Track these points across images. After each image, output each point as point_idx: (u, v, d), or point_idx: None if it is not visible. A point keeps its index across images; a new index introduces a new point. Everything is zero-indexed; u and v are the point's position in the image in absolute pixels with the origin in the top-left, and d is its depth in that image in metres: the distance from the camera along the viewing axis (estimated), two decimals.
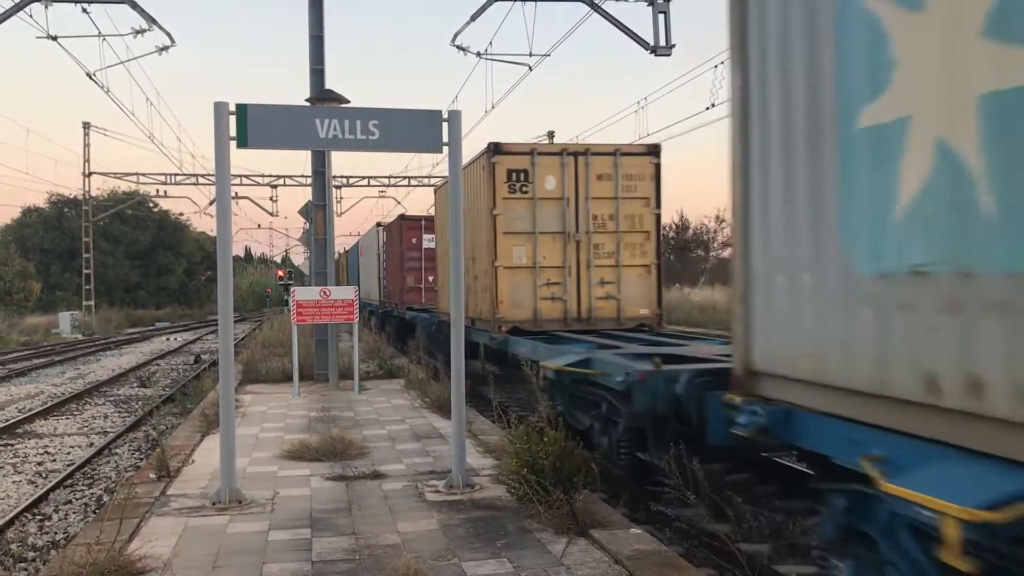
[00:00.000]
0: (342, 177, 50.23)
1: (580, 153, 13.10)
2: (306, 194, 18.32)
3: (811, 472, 6.67)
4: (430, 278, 21.90)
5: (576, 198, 13.01)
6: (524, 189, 12.99)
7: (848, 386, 4.44)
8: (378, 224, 30.85)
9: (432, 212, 20.38)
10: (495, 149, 12.95)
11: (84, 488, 10.55)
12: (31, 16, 20.75)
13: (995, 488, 3.36)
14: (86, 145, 46.68)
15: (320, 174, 16.47)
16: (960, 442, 3.71)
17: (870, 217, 4.29)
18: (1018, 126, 3.38)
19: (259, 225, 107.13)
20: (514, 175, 12.96)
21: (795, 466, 8.43)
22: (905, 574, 4.02)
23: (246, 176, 47.99)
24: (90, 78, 25.40)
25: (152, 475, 8.46)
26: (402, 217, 25.52)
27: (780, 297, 5.16)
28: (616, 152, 13.18)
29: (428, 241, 22.23)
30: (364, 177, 50.33)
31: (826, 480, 4.92)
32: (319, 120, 7.61)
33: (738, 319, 5.60)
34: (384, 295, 27.96)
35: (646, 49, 19.22)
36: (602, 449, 8.84)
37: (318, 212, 16.55)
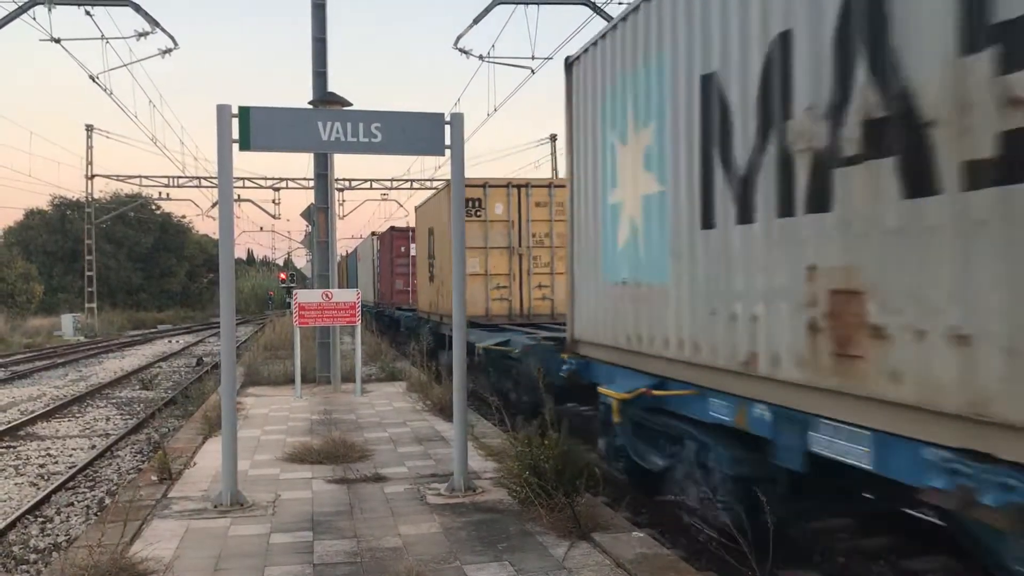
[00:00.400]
0: (344, 180, 50.32)
1: (522, 185, 16.04)
2: (308, 197, 18.36)
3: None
4: (415, 281, 24.48)
5: (519, 220, 16.02)
6: (478, 213, 16.03)
7: (605, 344, 8.44)
8: (373, 233, 33.38)
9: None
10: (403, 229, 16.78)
11: (86, 490, 10.55)
12: (34, 19, 20.80)
13: (630, 385, 7.53)
14: (89, 147, 46.79)
15: (322, 177, 16.49)
16: (632, 365, 7.82)
17: (610, 253, 8.31)
18: (652, 213, 7.24)
19: (261, 228, 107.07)
20: (470, 202, 15.83)
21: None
22: (609, 430, 8.27)
23: (248, 179, 48.12)
24: (93, 81, 25.45)
25: (154, 477, 8.46)
26: (392, 228, 27.99)
27: (582, 296, 9.19)
28: (550, 184, 16.24)
29: (415, 249, 24.44)
30: (366, 180, 50.36)
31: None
32: (322, 123, 7.62)
33: (568, 309, 9.68)
34: (377, 296, 31.05)
35: None
36: (520, 407, 11.70)
37: (320, 215, 16.56)
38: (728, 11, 5.94)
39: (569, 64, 9.31)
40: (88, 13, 21.84)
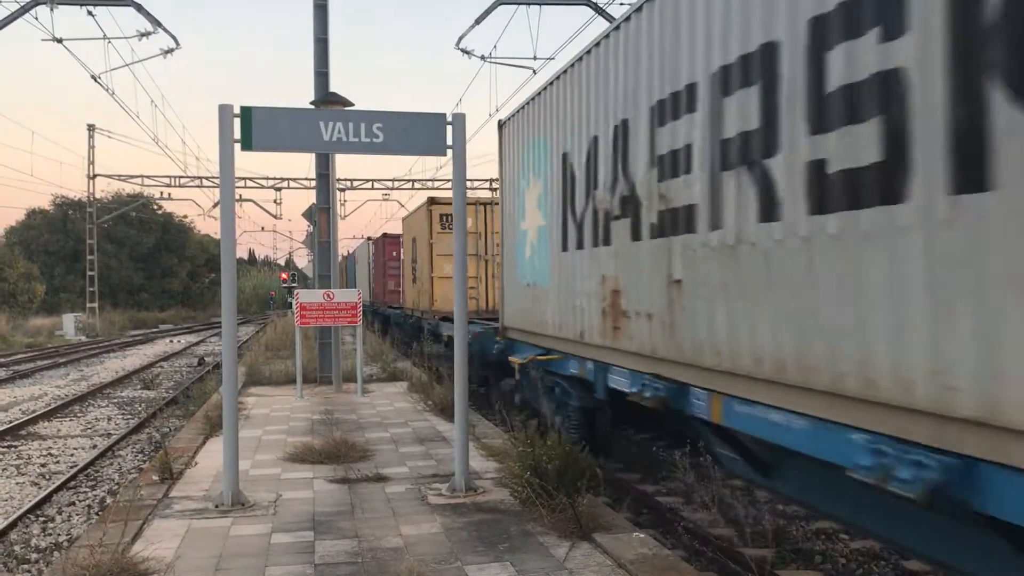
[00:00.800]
0: (346, 180, 50.29)
1: (487, 203, 18.50)
2: (310, 197, 18.38)
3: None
4: (404, 283, 26.48)
5: (485, 232, 18.27)
6: (450, 227, 18.47)
7: (521, 328, 11.15)
8: (369, 238, 36.56)
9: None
10: (432, 201, 19.44)
11: (87, 490, 10.55)
12: (36, 19, 20.83)
13: (527, 353, 10.68)
14: (91, 147, 46.82)
15: (324, 177, 16.50)
16: (532, 342, 10.62)
17: (521, 264, 11.08)
18: (541, 238, 10.21)
19: (263, 228, 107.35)
20: (444, 217, 18.94)
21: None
22: (520, 388, 11.63)
23: (250, 179, 48.11)
24: (95, 80, 25.47)
25: (155, 477, 8.46)
26: (385, 235, 30.52)
27: (508, 295, 11.98)
28: None
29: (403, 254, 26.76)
30: (368, 180, 50.35)
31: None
32: (323, 123, 7.62)
33: (500, 304, 12.52)
34: (372, 296, 33.99)
35: None
36: (473, 378, 13.86)
37: (322, 215, 16.57)
38: (572, 115, 9.07)
39: (501, 125, 12.24)
40: (90, 13, 21.86)
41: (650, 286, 6.99)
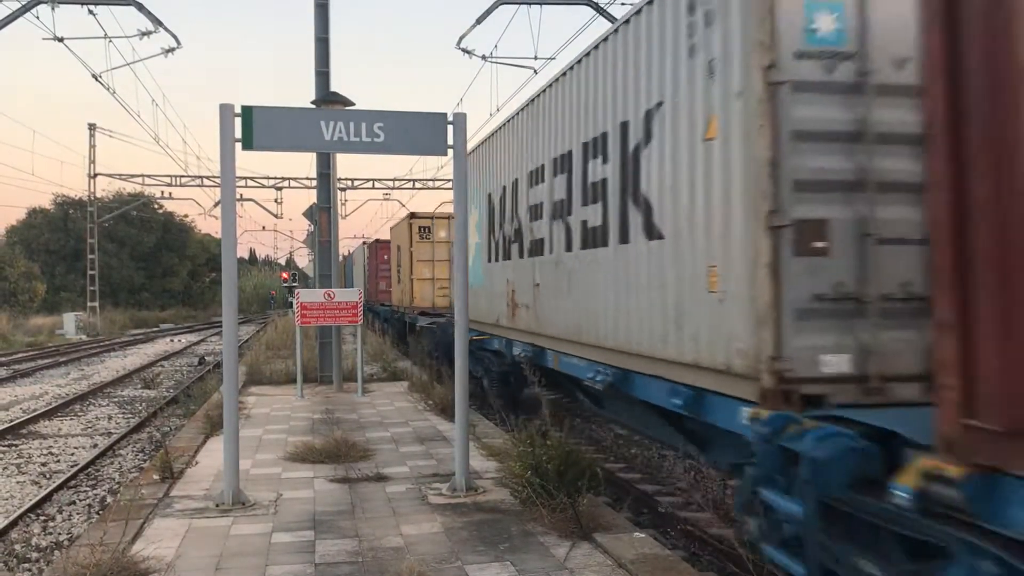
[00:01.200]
0: (347, 180, 50.27)
1: None
2: (310, 196, 18.42)
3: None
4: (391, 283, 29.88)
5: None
6: (427, 236, 22.57)
7: (487, 321, 13.26)
8: (364, 243, 40.61)
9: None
10: (412, 215, 23.13)
11: (88, 489, 10.56)
12: (38, 17, 20.83)
13: (470, 335, 9.91)
14: (91, 146, 46.79)
15: (325, 176, 16.50)
16: (479, 329, 13.46)
17: (473, 270, 12.81)
18: (480, 251, 13.97)
19: (263, 227, 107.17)
20: (423, 229, 22.59)
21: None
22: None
23: (251, 178, 48.06)
24: (96, 80, 25.46)
25: (156, 476, 8.47)
26: (377, 240, 34.02)
27: (475, 294, 12.62)
28: None
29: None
30: (369, 180, 50.33)
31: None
32: (324, 122, 7.62)
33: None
34: (367, 295, 36.33)
35: None
36: (437, 359, 16.19)
37: (323, 215, 16.57)
38: (494, 169, 12.80)
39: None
40: (91, 12, 21.86)
41: (526, 287, 10.92)
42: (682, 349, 6.35)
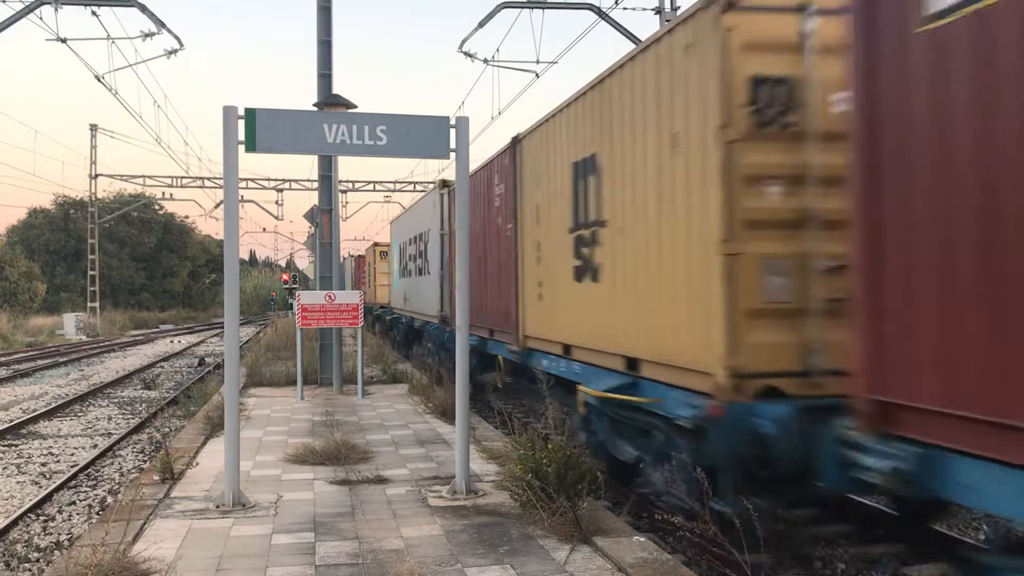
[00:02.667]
0: (348, 182, 50.32)
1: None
2: (311, 198, 18.49)
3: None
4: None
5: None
6: (385, 256, 30.40)
7: (395, 305, 26.83)
8: (349, 255, 48.59)
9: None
10: (375, 244, 34.36)
11: (88, 489, 10.56)
12: (41, 18, 20.86)
13: (388, 317, 28.67)
14: (93, 147, 46.84)
15: (326, 178, 16.52)
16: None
17: (393, 280, 27.39)
18: (395, 270, 26.34)
19: (264, 229, 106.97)
20: (382, 252, 31.63)
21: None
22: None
23: (252, 180, 48.10)
24: (99, 80, 25.51)
25: (156, 477, 8.48)
26: (360, 256, 42.80)
27: (395, 293, 27.04)
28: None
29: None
30: (370, 182, 50.41)
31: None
32: (327, 125, 7.64)
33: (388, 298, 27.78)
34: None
35: None
36: (399, 344, 25.33)
37: (324, 216, 16.59)
38: (399, 232, 24.16)
39: (391, 223, 27.81)
40: (94, 13, 21.91)
41: (407, 293, 21.44)
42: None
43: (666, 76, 6.78)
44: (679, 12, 18.89)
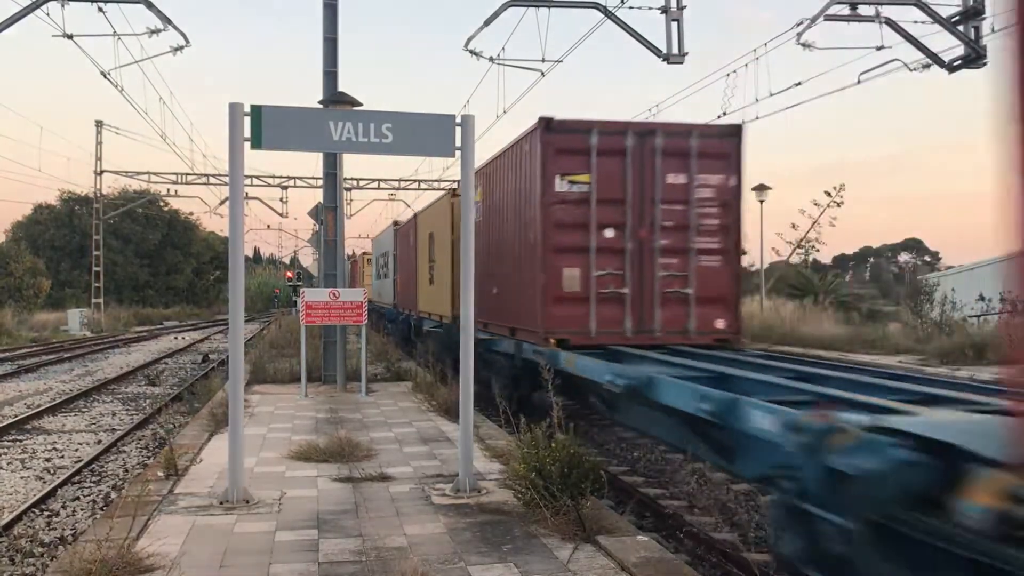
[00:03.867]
0: (352, 180, 50.36)
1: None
2: (315, 196, 18.52)
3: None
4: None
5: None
6: (370, 263, 39.48)
7: (381, 300, 34.74)
8: (349, 257, 53.62)
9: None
10: (364, 253, 42.70)
11: (92, 485, 10.59)
12: (47, 14, 20.85)
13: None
14: (98, 143, 46.91)
15: (331, 176, 16.53)
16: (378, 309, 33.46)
17: (374, 281, 38.61)
18: (379, 275, 35.82)
19: (268, 226, 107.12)
20: (367, 260, 40.26)
21: None
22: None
23: (256, 177, 48.10)
24: (104, 77, 25.48)
25: (160, 473, 8.49)
26: (354, 259, 45.96)
27: (376, 290, 35.89)
28: None
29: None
30: (374, 180, 50.43)
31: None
32: (333, 122, 7.64)
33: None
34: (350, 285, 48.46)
35: (659, 57, 19.24)
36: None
37: (328, 214, 16.59)
38: (380, 247, 34.11)
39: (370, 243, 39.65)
40: (101, 10, 21.89)
41: (379, 289, 33.46)
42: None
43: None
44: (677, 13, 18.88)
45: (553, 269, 11.43)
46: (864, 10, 19.40)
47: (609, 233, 11.50)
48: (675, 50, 19.03)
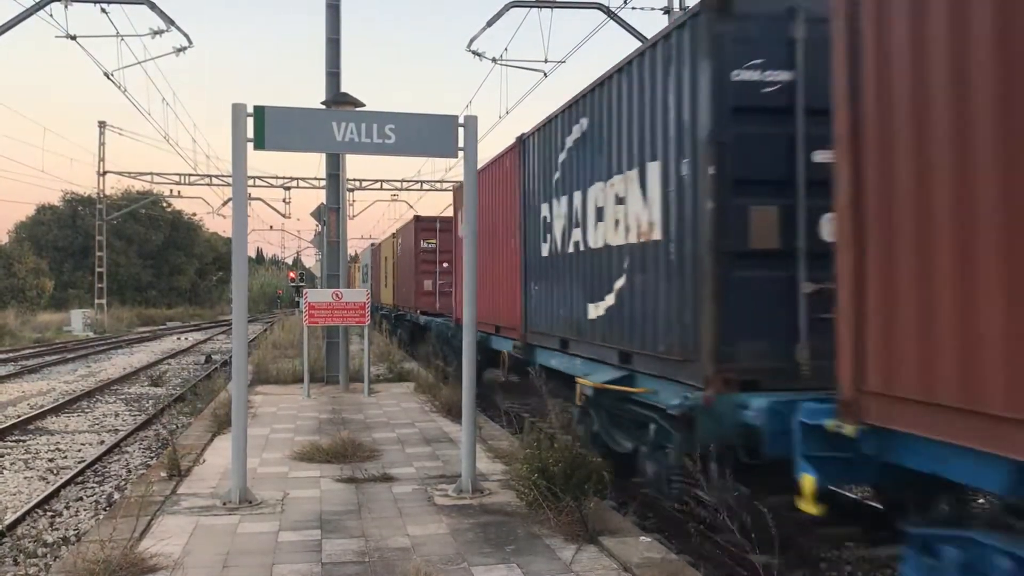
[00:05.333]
0: (355, 180, 50.41)
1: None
2: (318, 196, 18.53)
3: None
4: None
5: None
6: (360, 269, 43.44)
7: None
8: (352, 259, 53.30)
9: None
10: (354, 259, 46.87)
11: (95, 485, 10.60)
12: (51, 15, 20.94)
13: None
14: (101, 144, 46.99)
15: (334, 177, 16.54)
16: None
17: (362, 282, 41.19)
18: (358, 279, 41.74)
19: (271, 227, 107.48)
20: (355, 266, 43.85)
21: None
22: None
23: (259, 178, 48.20)
24: (107, 78, 25.59)
25: (163, 474, 8.50)
26: (353, 259, 48.86)
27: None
28: None
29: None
30: (377, 180, 50.50)
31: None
32: (336, 123, 7.65)
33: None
34: None
35: None
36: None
37: (331, 215, 16.61)
38: (370, 254, 38.22)
39: (374, 246, 39.23)
40: (104, 11, 21.96)
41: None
42: None
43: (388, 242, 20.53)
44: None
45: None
46: None
47: None
48: None
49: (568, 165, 9.59)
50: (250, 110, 7.44)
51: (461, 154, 7.90)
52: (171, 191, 54.99)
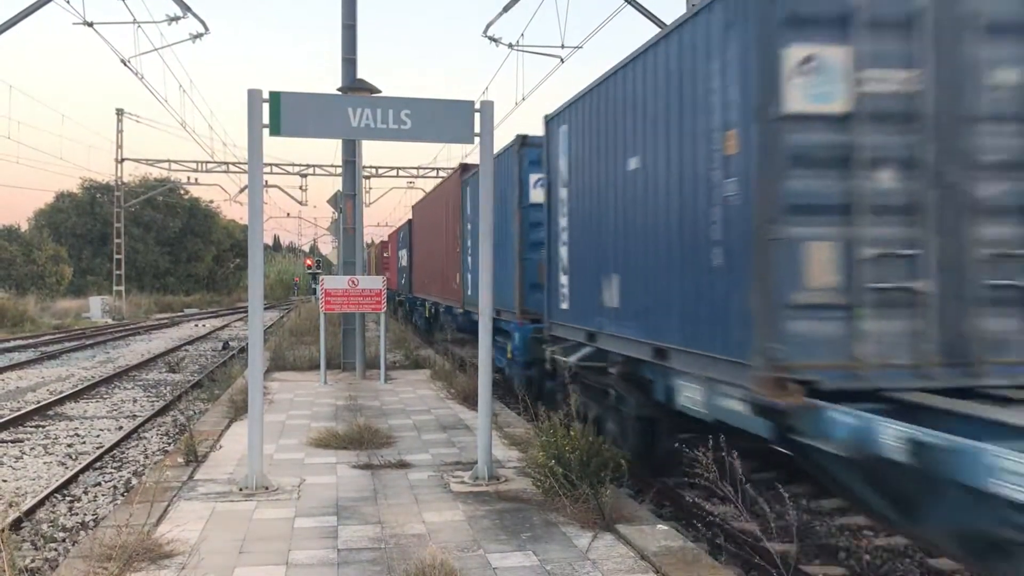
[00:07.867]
0: (371, 167, 50.42)
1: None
2: (335, 184, 18.52)
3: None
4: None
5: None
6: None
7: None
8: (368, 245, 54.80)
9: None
10: (369, 245, 42.82)
11: (113, 471, 10.65)
12: (68, 2, 20.95)
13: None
14: (119, 131, 47.16)
15: (350, 163, 16.52)
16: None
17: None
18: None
19: (288, 214, 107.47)
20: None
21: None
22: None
23: (276, 165, 48.30)
24: (124, 65, 25.63)
25: (180, 459, 8.53)
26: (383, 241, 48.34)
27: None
28: None
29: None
30: (393, 167, 50.48)
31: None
32: (352, 109, 7.61)
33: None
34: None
35: None
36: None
37: (348, 202, 16.60)
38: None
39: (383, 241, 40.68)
40: None
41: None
42: None
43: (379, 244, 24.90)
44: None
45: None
46: None
47: None
48: None
49: None
50: (266, 96, 7.42)
51: (477, 140, 7.86)
52: (188, 178, 55.43)
